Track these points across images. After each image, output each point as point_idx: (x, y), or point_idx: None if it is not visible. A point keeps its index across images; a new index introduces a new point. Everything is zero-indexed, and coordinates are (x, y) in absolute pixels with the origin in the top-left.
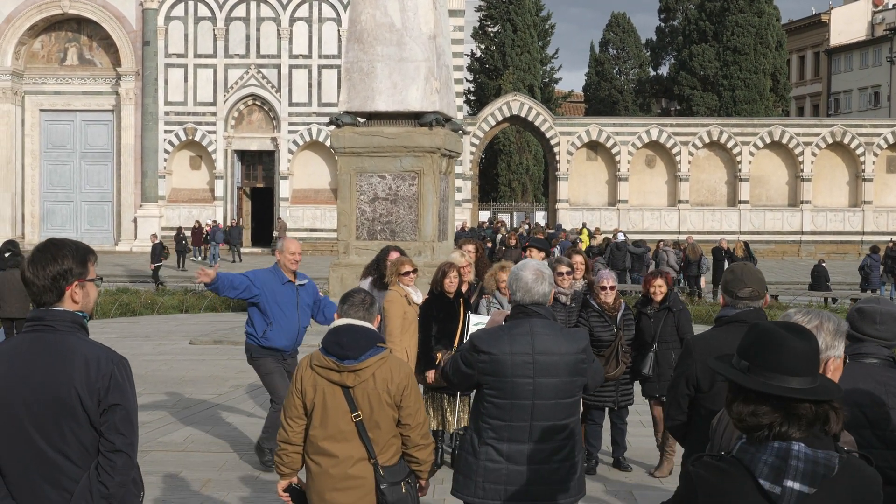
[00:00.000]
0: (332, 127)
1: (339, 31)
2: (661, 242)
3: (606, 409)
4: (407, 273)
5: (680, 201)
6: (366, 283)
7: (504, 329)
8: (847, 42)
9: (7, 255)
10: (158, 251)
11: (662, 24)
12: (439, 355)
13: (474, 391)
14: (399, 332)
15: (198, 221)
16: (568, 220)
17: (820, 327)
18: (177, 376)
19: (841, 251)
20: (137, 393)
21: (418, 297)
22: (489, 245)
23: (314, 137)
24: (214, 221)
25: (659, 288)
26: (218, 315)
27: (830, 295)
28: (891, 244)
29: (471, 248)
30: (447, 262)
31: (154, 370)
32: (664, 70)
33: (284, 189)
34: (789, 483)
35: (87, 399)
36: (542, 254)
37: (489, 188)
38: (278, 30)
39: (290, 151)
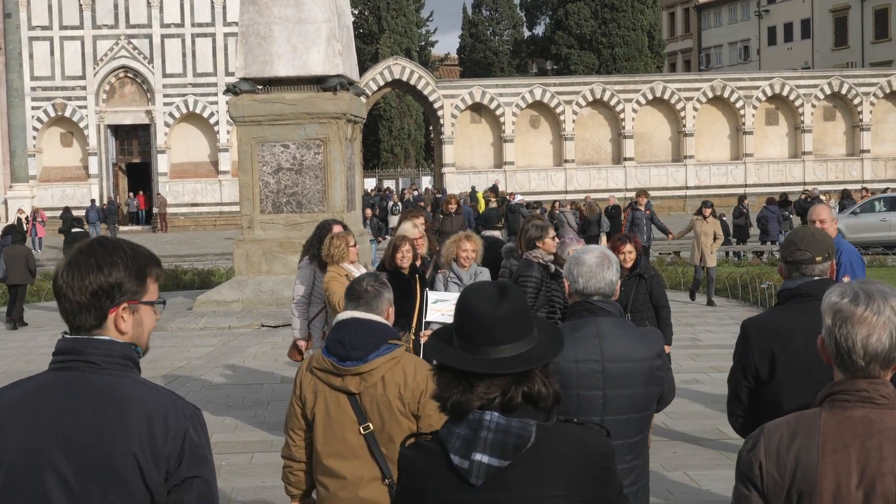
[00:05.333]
0: (230, 95)
1: None
2: (558, 203)
3: None
4: (353, 246)
5: (566, 161)
6: (304, 264)
7: (565, 330)
8: None
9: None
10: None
11: None
12: (422, 336)
13: None
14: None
15: (21, 209)
16: (455, 183)
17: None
18: None
19: (725, 204)
20: None
21: (361, 272)
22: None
23: (191, 109)
24: (92, 201)
25: (629, 254)
26: None
27: (741, 249)
28: (803, 196)
29: (420, 220)
30: (398, 234)
31: None
32: (540, 30)
33: (162, 164)
34: (478, 456)
35: (150, 471)
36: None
37: (370, 155)
38: None
39: (167, 125)
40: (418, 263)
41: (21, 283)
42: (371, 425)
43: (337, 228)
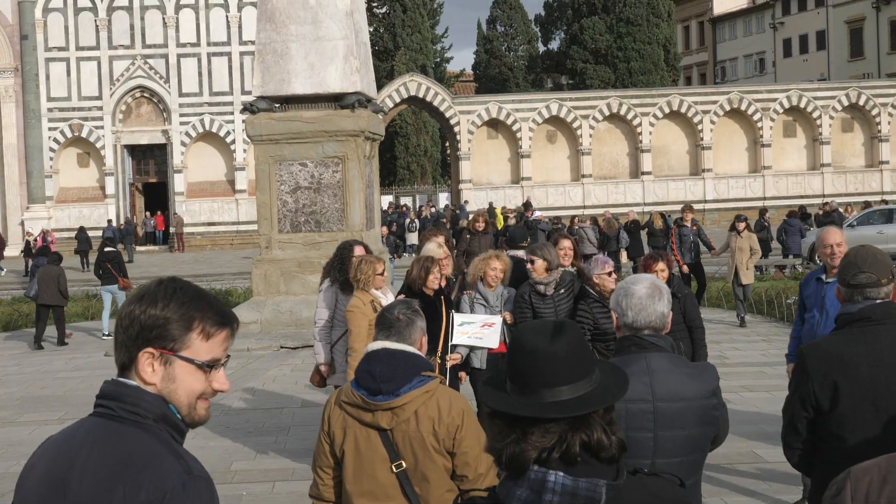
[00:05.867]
0: (247, 114)
1: (227, 16)
2: (577, 218)
3: None
4: (380, 274)
5: (583, 175)
6: (325, 287)
7: None
8: (730, 10)
9: (106, 250)
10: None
11: None
12: (448, 360)
13: None
14: (362, 345)
15: (30, 231)
16: (472, 199)
17: None
18: None
19: None
20: (61, 419)
21: (389, 299)
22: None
23: (207, 128)
24: (109, 221)
25: (661, 272)
26: None
27: (763, 263)
28: (822, 209)
29: (441, 239)
30: (426, 255)
31: (73, 389)
32: (555, 45)
33: (179, 183)
34: None
35: None
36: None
37: (386, 172)
38: (164, 18)
39: (183, 144)
40: (442, 284)
41: (53, 304)
42: (404, 463)
43: (359, 250)
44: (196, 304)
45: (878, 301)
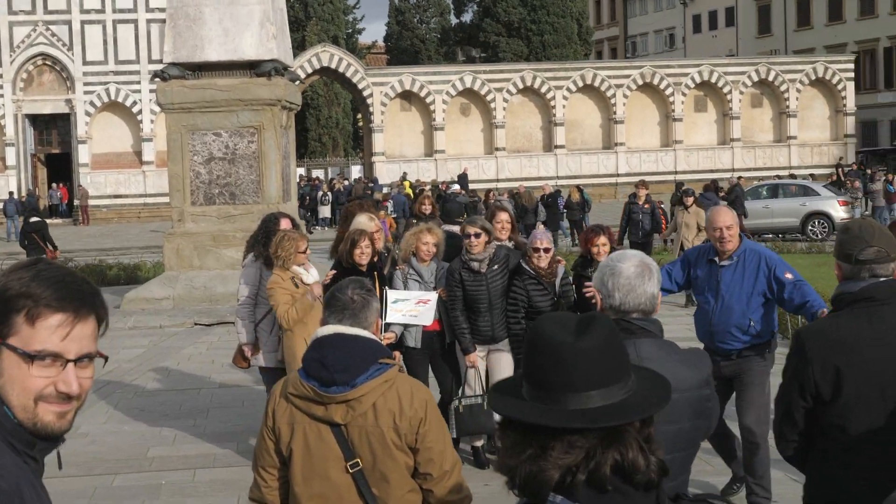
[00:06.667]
0: (158, 81)
1: None
2: (493, 192)
3: None
4: (303, 252)
5: (497, 149)
6: (248, 262)
7: None
8: None
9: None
10: None
11: None
12: (387, 338)
13: None
14: (295, 323)
15: None
16: (385, 172)
17: None
18: None
19: (655, 191)
20: None
21: (312, 275)
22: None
23: (113, 98)
24: (10, 193)
25: (602, 246)
26: None
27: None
28: (731, 181)
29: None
30: (356, 228)
31: None
32: (467, 17)
33: (83, 154)
34: None
35: None
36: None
37: (298, 144)
38: None
39: (88, 114)
40: (375, 259)
41: None
42: (360, 462)
43: (285, 223)
44: (37, 282)
45: (882, 279)
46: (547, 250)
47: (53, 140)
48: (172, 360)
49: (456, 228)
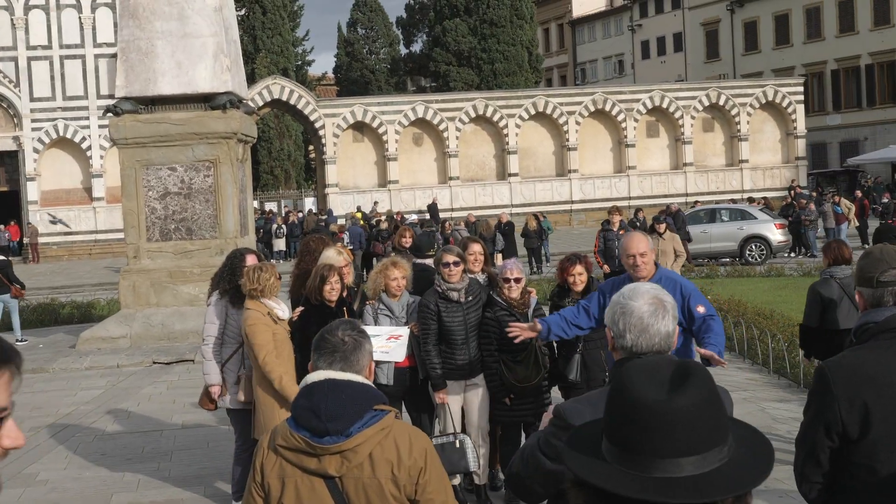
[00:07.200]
0: (110, 116)
1: (80, 17)
2: (450, 221)
3: (522, 425)
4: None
5: (450, 178)
6: (214, 300)
7: (605, 400)
8: (589, 13)
9: None
10: None
11: (412, 1)
12: None
13: None
14: (274, 360)
15: None
16: (339, 204)
17: None
18: None
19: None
20: None
21: (285, 311)
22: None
23: (61, 134)
24: None
25: (579, 276)
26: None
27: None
28: (671, 208)
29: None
30: (324, 263)
31: None
32: (417, 47)
33: (32, 191)
34: None
35: None
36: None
37: None
38: (12, 19)
39: (36, 150)
40: (344, 294)
41: None
42: None
43: (251, 258)
44: None
45: None
46: (518, 280)
47: (1, 178)
48: (132, 400)
49: (428, 262)
